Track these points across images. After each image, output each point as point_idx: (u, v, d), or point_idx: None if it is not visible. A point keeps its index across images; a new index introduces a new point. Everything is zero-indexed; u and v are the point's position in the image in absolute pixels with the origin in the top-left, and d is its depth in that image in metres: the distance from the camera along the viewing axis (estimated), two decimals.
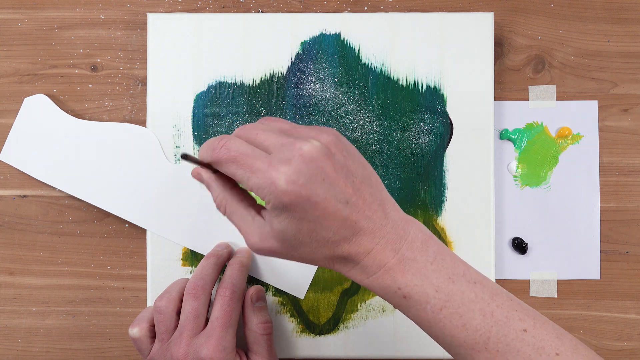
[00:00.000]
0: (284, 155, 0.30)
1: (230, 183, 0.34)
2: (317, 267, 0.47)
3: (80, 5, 0.49)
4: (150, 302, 0.47)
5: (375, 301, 0.47)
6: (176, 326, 0.41)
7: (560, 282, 0.49)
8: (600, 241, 0.49)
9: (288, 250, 0.32)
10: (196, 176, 0.35)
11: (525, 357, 0.31)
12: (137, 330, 0.42)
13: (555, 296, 0.49)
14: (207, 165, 0.33)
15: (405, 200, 0.47)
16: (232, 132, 0.47)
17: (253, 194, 0.39)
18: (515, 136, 0.49)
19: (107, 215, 0.48)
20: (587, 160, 0.49)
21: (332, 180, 0.30)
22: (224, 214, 0.34)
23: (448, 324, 0.31)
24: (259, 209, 0.34)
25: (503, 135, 0.49)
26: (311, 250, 0.32)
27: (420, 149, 0.47)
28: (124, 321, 0.49)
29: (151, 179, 0.47)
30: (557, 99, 0.49)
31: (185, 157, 0.32)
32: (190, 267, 0.47)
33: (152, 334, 0.42)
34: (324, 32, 0.47)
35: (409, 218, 0.33)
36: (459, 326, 0.31)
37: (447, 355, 0.46)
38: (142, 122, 0.48)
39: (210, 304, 0.42)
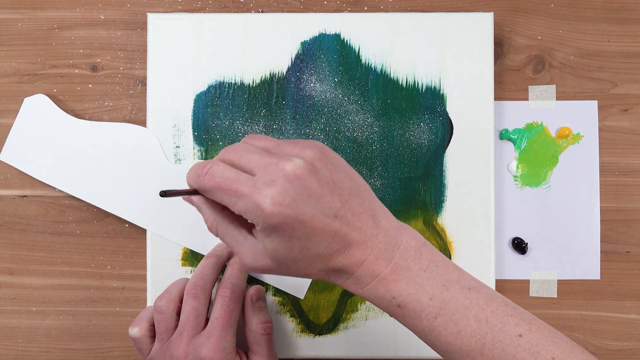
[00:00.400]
0: (267, 176, 0.30)
1: (220, 205, 0.34)
2: None
3: (80, 5, 0.49)
4: (150, 302, 0.47)
5: None
6: (176, 326, 0.41)
7: (560, 282, 0.49)
8: (600, 241, 0.49)
9: (282, 267, 0.32)
10: (187, 199, 0.36)
11: None
12: (137, 330, 0.42)
13: (555, 296, 0.49)
14: (191, 192, 0.34)
15: (405, 200, 0.47)
16: (231, 133, 0.47)
17: None
18: (515, 136, 0.49)
19: (107, 215, 0.48)
20: (587, 160, 0.49)
21: (318, 196, 0.30)
22: (216, 236, 0.34)
23: (443, 331, 0.32)
24: (250, 227, 0.34)
25: (503, 135, 0.49)
26: (305, 265, 0.32)
27: (420, 149, 0.47)
28: (124, 321, 0.49)
29: (151, 179, 0.47)
30: (557, 99, 0.49)
31: (164, 194, 0.32)
32: (190, 267, 0.47)
33: (152, 333, 0.42)
34: (324, 32, 0.47)
35: (401, 225, 0.33)
36: (454, 333, 0.31)
37: None
38: (142, 122, 0.48)
39: (210, 304, 0.42)
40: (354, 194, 0.32)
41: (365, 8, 0.49)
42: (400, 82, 0.47)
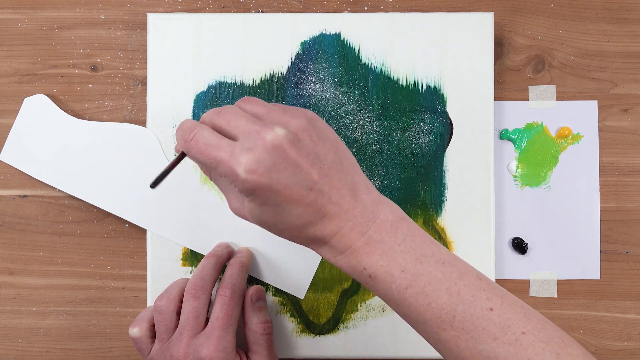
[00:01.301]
0: (247, 143, 0.31)
1: None
2: (317, 267, 0.47)
3: (80, 5, 0.49)
4: (150, 302, 0.47)
5: (375, 301, 0.47)
6: (176, 326, 0.41)
7: (560, 282, 0.49)
8: (600, 241, 0.49)
9: (260, 224, 0.33)
10: (179, 151, 0.36)
11: (491, 335, 0.31)
12: (137, 330, 0.42)
13: (555, 296, 0.49)
14: (178, 160, 0.35)
15: (405, 200, 0.47)
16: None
17: None
18: (515, 136, 0.49)
19: (107, 215, 0.48)
20: (587, 160, 0.49)
21: (295, 167, 0.31)
22: (210, 179, 0.35)
23: (414, 302, 0.32)
24: None
25: (503, 135, 0.49)
26: (280, 229, 0.33)
27: (420, 149, 0.47)
28: (124, 321, 0.49)
29: (151, 179, 0.47)
30: (557, 99, 0.49)
31: (154, 184, 0.34)
32: (190, 267, 0.47)
33: (152, 334, 0.42)
34: (324, 32, 0.47)
35: (381, 200, 0.34)
36: (425, 305, 0.32)
37: None
38: (142, 122, 0.48)
39: (210, 304, 0.42)
40: (336, 168, 0.32)
41: (365, 8, 0.49)
42: (400, 82, 0.47)
